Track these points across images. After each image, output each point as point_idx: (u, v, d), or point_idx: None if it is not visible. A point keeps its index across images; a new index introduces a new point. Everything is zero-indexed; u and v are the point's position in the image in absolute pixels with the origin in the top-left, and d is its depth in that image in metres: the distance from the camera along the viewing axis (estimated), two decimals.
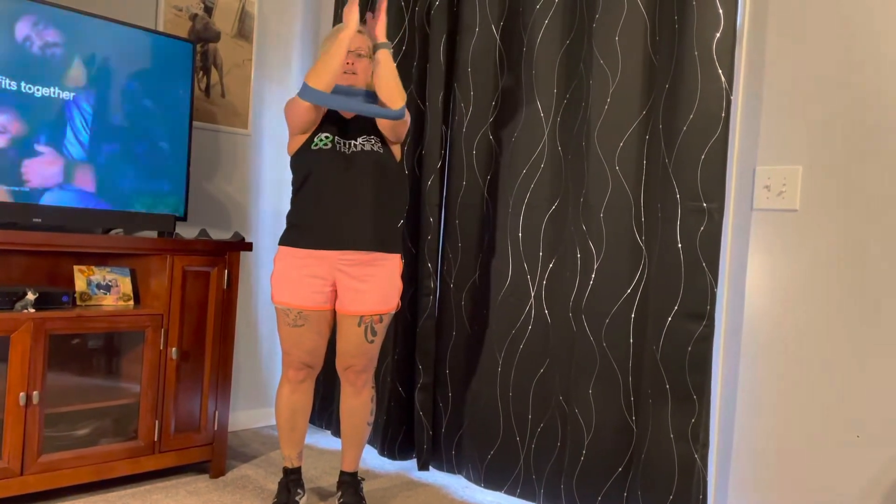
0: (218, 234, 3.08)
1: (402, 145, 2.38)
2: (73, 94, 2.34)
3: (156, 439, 2.45)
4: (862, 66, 1.94)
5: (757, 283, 2.11)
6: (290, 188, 2.28)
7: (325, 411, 3.25)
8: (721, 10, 2.01)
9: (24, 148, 2.25)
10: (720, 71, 2.02)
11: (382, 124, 2.21)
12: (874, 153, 1.91)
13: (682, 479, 2.06)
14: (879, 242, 1.90)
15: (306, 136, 2.22)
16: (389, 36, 2.89)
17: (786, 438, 2.04)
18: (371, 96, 2.21)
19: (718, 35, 2.02)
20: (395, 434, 2.87)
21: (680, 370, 2.07)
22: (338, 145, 2.19)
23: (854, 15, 1.95)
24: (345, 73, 2.22)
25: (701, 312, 2.04)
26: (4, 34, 2.20)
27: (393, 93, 2.13)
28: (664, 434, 2.09)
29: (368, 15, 2.25)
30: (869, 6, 1.93)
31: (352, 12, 2.11)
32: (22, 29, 2.23)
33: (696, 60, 2.04)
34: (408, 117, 2.23)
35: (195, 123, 2.99)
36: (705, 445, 2.06)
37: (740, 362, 2.13)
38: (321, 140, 2.20)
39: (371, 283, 2.20)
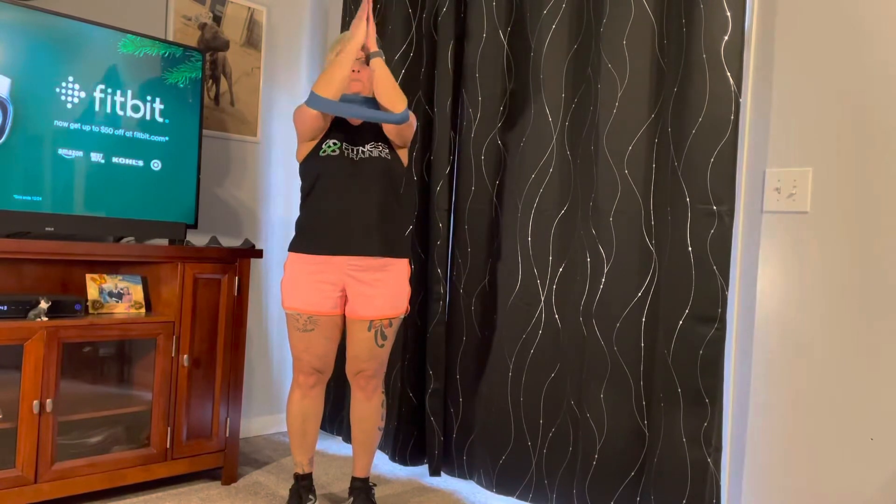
0: (228, 242, 3.10)
1: (410, 151, 2.39)
2: (83, 104, 2.36)
3: (168, 446, 2.45)
4: (871, 67, 1.93)
5: (768, 286, 2.10)
6: (299, 195, 2.29)
7: (335, 417, 3.25)
8: (729, 13, 2.01)
9: (34, 157, 2.27)
10: (729, 73, 2.01)
11: (388, 129, 2.23)
12: (885, 155, 1.90)
13: (695, 484, 2.05)
14: (891, 244, 1.89)
15: (314, 142, 2.24)
16: (396, 43, 2.91)
17: (799, 442, 2.03)
18: (373, 102, 2.23)
19: (727, 38, 2.01)
20: (406, 440, 2.87)
21: (691, 374, 2.06)
22: (346, 151, 2.21)
23: (863, 16, 1.95)
24: (350, 80, 2.24)
25: (712, 315, 2.03)
26: (16, 45, 2.22)
27: (393, 97, 2.15)
28: (676, 438, 2.08)
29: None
30: (878, 7, 1.92)
31: (360, 25, 2.17)
32: (32, 39, 2.25)
33: (704, 63, 2.04)
34: (413, 120, 2.26)
35: (205, 131, 3.00)
36: (718, 449, 2.05)
37: (752, 365, 2.12)
38: (329, 147, 2.21)
39: (380, 287, 2.20)
